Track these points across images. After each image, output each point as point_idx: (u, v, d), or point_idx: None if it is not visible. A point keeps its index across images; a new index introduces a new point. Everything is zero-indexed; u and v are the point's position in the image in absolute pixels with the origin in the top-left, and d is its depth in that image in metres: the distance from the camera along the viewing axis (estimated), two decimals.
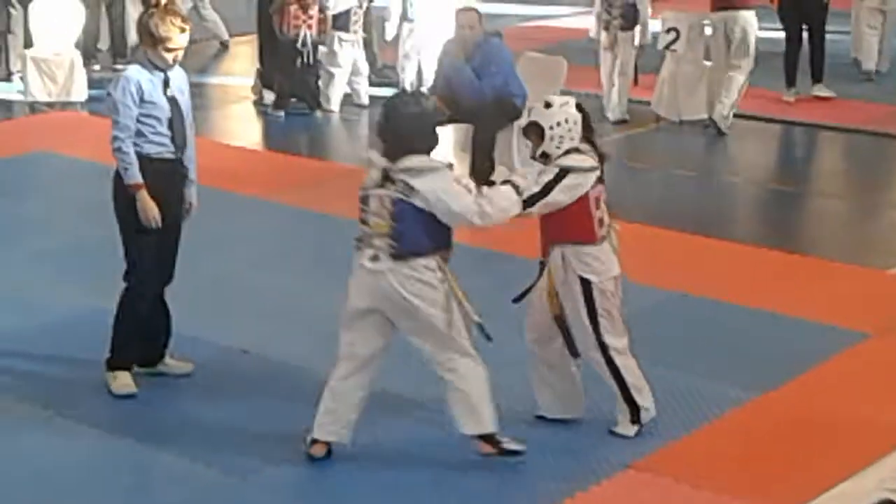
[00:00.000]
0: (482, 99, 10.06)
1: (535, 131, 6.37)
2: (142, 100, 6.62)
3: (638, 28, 12.72)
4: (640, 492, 5.89)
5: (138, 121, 6.63)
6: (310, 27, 12.73)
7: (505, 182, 6.24)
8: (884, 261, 9.08)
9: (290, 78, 12.91)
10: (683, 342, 7.56)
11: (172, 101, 6.73)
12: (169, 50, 6.63)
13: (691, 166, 11.88)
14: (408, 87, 12.14)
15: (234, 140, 12.47)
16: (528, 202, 6.21)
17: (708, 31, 12.88)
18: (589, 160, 6.34)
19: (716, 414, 6.61)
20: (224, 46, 16.16)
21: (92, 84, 13.47)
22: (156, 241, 6.76)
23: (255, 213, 9.85)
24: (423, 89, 11.23)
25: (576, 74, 11.45)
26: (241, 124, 13.33)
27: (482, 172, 10.15)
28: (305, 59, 12.78)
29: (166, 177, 6.76)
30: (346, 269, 6.05)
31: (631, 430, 6.41)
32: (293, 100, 13.03)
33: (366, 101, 13.21)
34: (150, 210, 6.63)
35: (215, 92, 14.18)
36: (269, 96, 13.32)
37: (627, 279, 8.08)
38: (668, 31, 12.83)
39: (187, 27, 6.72)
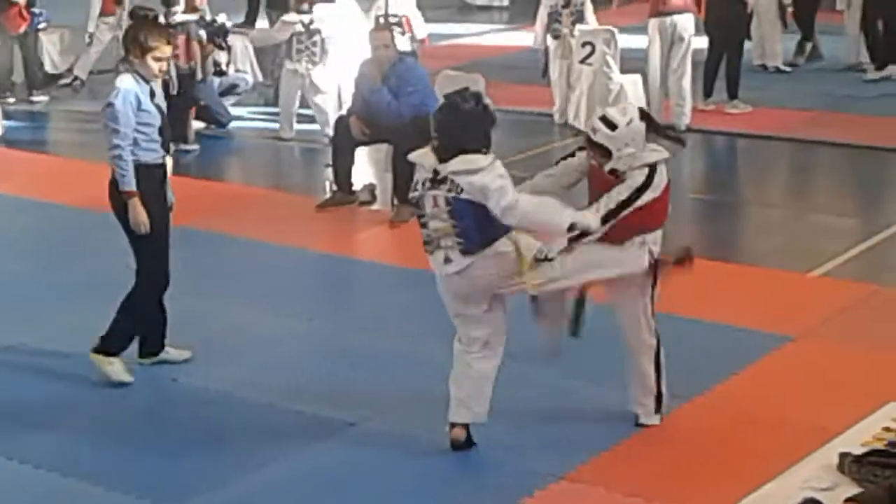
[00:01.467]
0: (400, 119, 10.08)
1: (601, 152, 6.32)
2: (139, 108, 6.97)
3: None
4: (572, 502, 5.92)
5: (136, 130, 6.97)
6: (176, 57, 12.37)
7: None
8: (804, 265, 9.20)
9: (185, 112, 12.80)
10: (610, 352, 7.59)
11: (159, 109, 7.12)
12: (157, 59, 7.01)
13: None
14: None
15: None
16: (620, 207, 6.26)
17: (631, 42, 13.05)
18: (663, 151, 6.42)
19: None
20: None
21: (7, 116, 13.34)
22: (165, 239, 7.17)
23: (178, 240, 9.79)
24: (343, 112, 11.26)
25: (493, 91, 11.49)
26: None
27: (404, 191, 10.19)
28: (172, 91, 12.51)
29: (160, 182, 7.17)
30: (271, 292, 6.07)
31: (657, 419, 6.55)
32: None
33: (287, 133, 13.13)
34: (140, 216, 7.00)
35: None
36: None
37: None
38: (584, 45, 12.95)
39: (171, 40, 7.24)
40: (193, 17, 12.66)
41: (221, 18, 13.33)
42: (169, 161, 7.31)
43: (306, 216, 10.43)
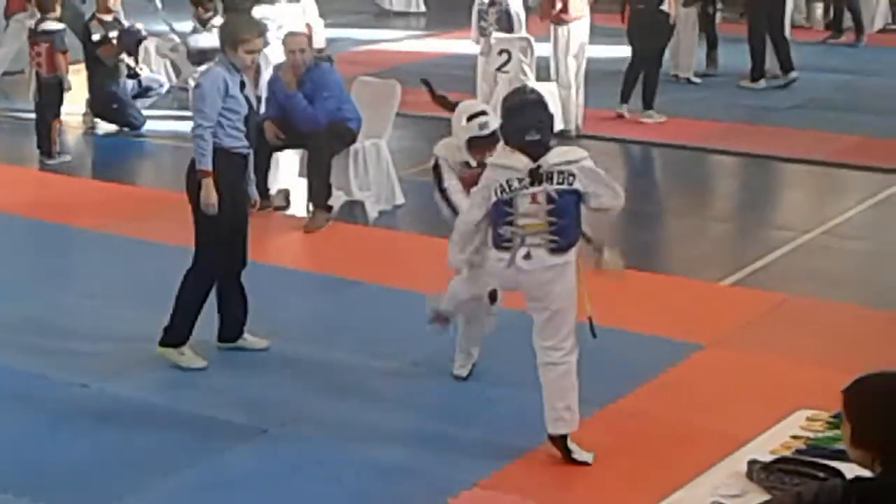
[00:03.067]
0: (316, 124, 10.05)
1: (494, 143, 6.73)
2: (226, 93, 7.13)
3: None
4: None
5: (221, 114, 7.13)
6: (39, 66, 12.33)
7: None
8: (715, 273, 9.30)
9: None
10: (523, 359, 7.62)
11: (248, 101, 7.28)
12: (249, 51, 7.20)
13: None
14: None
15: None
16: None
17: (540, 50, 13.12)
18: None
19: None
20: None
21: None
22: (227, 228, 7.24)
23: (93, 245, 9.70)
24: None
25: (410, 97, 11.51)
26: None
27: (319, 197, 10.18)
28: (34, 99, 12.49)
29: (239, 169, 7.32)
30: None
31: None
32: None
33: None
34: (211, 197, 7.12)
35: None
36: (103, 125, 13.18)
37: None
38: (500, 52, 13.01)
39: (264, 31, 7.55)
40: (59, 26, 12.46)
41: (140, 26, 13.23)
42: (251, 154, 7.45)
43: None
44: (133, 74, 13.63)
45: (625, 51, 13.99)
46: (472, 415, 6.91)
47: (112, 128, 13.38)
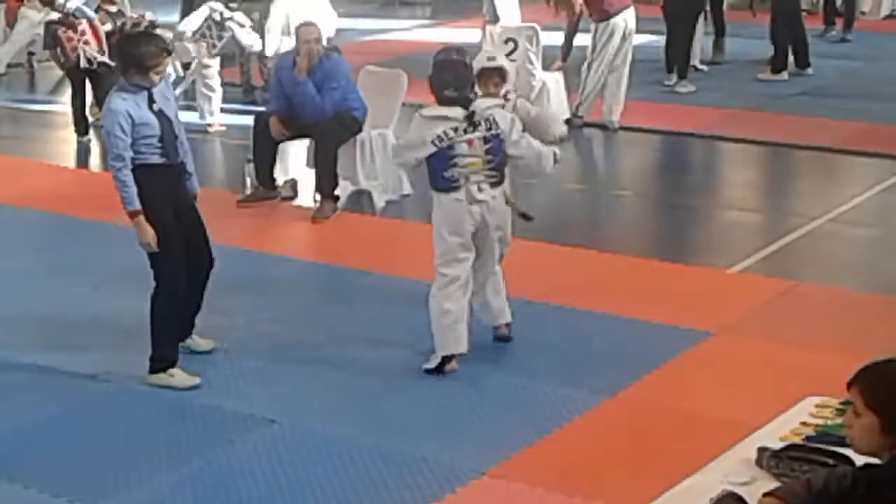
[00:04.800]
0: (323, 114, 10.04)
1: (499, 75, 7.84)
2: (133, 124, 6.94)
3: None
4: (493, 498, 5.94)
5: (135, 142, 6.97)
6: (87, 43, 12.50)
7: None
8: (723, 260, 9.29)
9: (80, 99, 12.77)
10: (531, 348, 7.64)
11: (160, 115, 7.05)
12: (158, 73, 7.02)
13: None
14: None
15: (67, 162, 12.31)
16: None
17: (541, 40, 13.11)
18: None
19: (567, 418, 6.69)
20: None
21: None
22: (180, 240, 7.15)
23: (99, 236, 9.70)
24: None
25: (416, 87, 11.50)
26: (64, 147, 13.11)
27: (326, 187, 10.17)
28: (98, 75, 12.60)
29: (171, 180, 7.19)
30: None
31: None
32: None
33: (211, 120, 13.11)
34: (146, 235, 7.00)
35: (54, 117, 13.97)
36: None
37: None
38: (506, 41, 12.99)
39: (169, 48, 7.26)
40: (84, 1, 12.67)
41: (149, 15, 13.27)
42: (188, 155, 7.35)
43: (227, 212, 10.35)
44: None
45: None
46: (481, 403, 6.90)
47: None
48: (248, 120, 11.03)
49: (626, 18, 13.05)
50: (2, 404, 6.89)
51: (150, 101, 7.03)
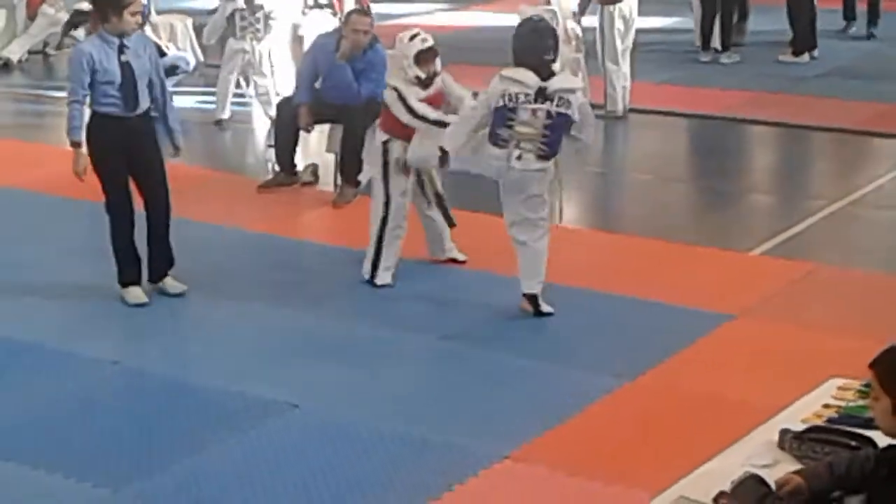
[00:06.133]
0: (357, 99, 10.04)
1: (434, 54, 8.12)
2: (93, 68, 7.48)
3: None
4: (516, 482, 5.94)
5: (92, 86, 7.55)
6: None
7: None
8: (745, 243, 9.27)
9: None
10: (553, 332, 7.64)
11: (125, 66, 7.55)
12: (134, 13, 7.52)
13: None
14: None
15: None
16: None
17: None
18: None
19: (589, 402, 6.69)
20: None
21: None
22: (120, 181, 7.79)
23: None
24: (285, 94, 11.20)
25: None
26: None
27: (351, 172, 10.18)
28: None
29: (123, 132, 7.67)
30: (212, 274, 5.98)
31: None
32: None
33: (223, 115, 13.05)
34: (77, 166, 7.72)
35: None
36: None
37: (494, 273, 8.22)
38: None
39: None
40: None
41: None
42: (171, 110, 8.01)
43: (248, 197, 10.39)
44: (160, 53, 13.64)
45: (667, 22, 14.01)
46: (502, 387, 6.91)
47: None
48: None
49: (630, 3, 13.00)
50: (24, 390, 6.92)
51: (120, 51, 7.53)
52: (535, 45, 7.46)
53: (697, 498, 4.12)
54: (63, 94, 14.27)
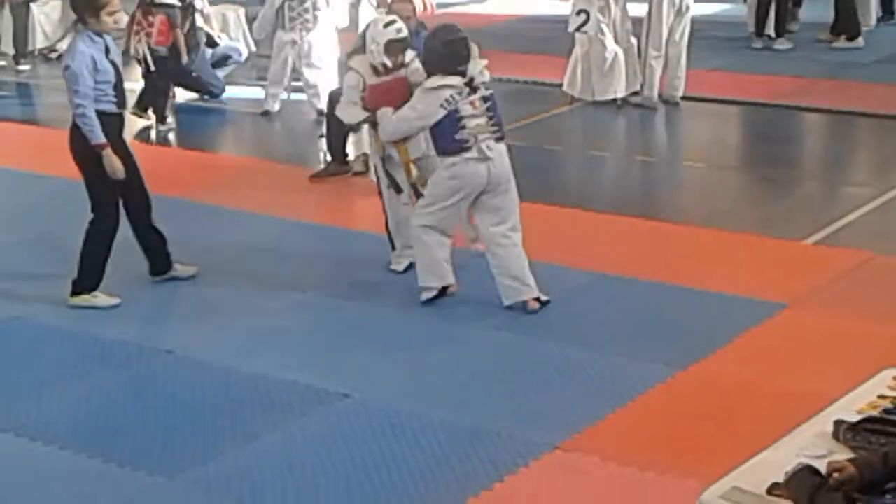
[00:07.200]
0: None
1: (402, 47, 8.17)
2: (95, 68, 7.55)
3: None
4: (567, 472, 5.93)
5: (95, 87, 7.57)
6: (148, 35, 12.46)
7: None
8: (798, 232, 9.20)
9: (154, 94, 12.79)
10: (604, 322, 7.62)
11: (114, 66, 7.70)
12: (111, 13, 7.58)
13: (606, 147, 11.98)
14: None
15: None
16: None
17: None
18: None
19: (640, 391, 6.67)
20: None
21: None
22: (117, 183, 7.73)
23: (177, 213, 9.77)
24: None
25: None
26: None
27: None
28: (147, 70, 12.62)
29: (115, 127, 7.77)
30: (264, 264, 6.02)
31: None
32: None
33: (272, 107, 13.10)
34: (115, 165, 7.65)
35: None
36: (181, 93, 13.31)
37: (546, 262, 8.20)
38: (578, 13, 12.92)
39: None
40: (175, 1, 12.55)
41: None
42: (127, 114, 7.97)
43: (300, 187, 10.42)
44: (212, 43, 13.71)
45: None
46: (553, 377, 6.90)
47: (191, 96, 13.48)
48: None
49: None
50: (78, 380, 6.98)
51: (107, 50, 7.64)
52: (451, 57, 7.66)
53: (751, 489, 4.09)
54: None
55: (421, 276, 7.86)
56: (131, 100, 13.62)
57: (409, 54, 8.17)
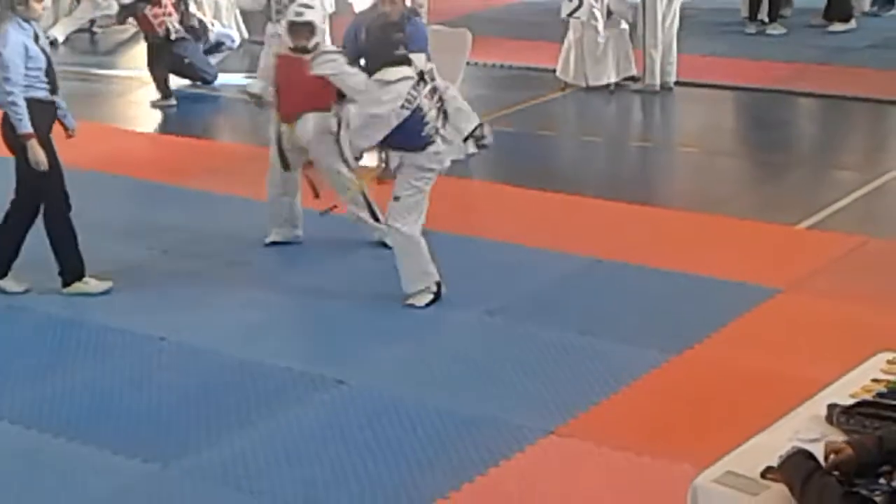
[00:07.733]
0: None
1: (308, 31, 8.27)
2: (27, 54, 7.54)
3: None
4: (562, 457, 5.94)
5: (26, 74, 7.55)
6: (170, 15, 12.82)
7: None
8: (792, 217, 9.19)
9: (166, 70, 12.98)
10: (598, 307, 7.62)
11: (44, 52, 7.68)
12: (39, 0, 7.59)
13: (599, 132, 11.97)
14: None
15: (140, 127, 12.40)
16: None
17: None
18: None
19: (634, 376, 6.67)
20: None
21: None
22: (53, 168, 7.67)
23: (168, 199, 9.76)
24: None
25: (481, 46, 11.48)
26: (141, 112, 13.18)
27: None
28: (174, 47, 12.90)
29: (51, 114, 7.77)
30: (259, 251, 5.99)
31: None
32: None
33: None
34: (39, 156, 7.57)
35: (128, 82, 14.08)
36: (174, 80, 13.27)
37: (539, 247, 8.20)
38: None
39: None
40: None
41: None
42: (58, 98, 7.87)
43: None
44: (204, 30, 13.68)
45: None
46: (548, 362, 6.90)
47: (184, 82, 13.44)
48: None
49: None
50: (73, 366, 6.98)
51: (36, 37, 7.64)
52: (386, 42, 7.75)
53: (745, 472, 4.10)
54: (105, 71, 14.47)
55: (412, 283, 7.64)
56: (118, 89, 13.71)
57: (313, 41, 8.25)
